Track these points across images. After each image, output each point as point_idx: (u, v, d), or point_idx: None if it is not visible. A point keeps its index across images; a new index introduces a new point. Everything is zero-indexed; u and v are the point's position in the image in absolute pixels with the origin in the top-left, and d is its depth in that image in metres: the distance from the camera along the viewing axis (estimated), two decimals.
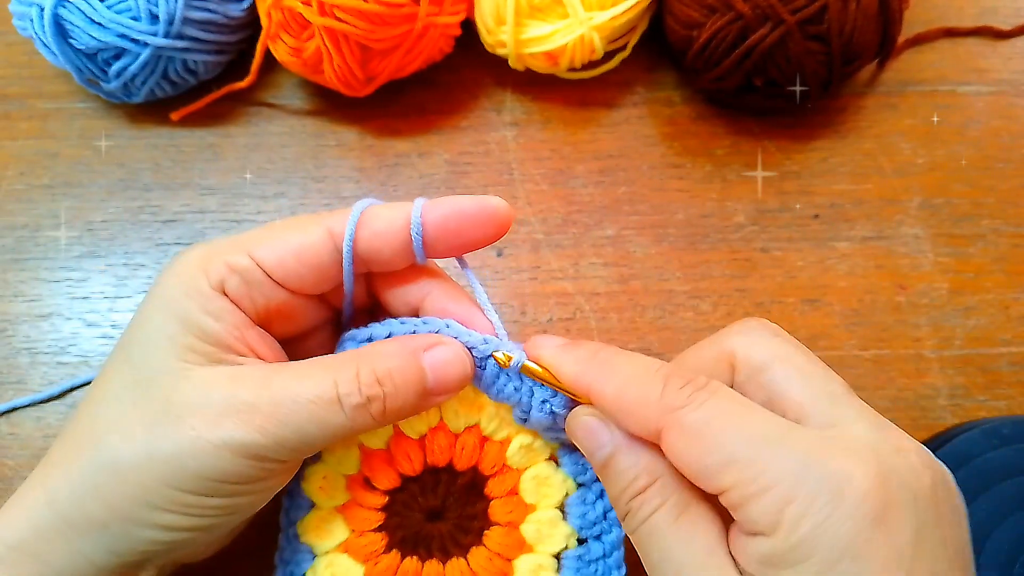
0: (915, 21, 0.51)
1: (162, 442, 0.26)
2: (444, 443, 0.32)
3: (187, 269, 0.29)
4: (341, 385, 0.27)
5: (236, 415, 0.26)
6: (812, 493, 0.23)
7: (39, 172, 0.49)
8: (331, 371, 0.27)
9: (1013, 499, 0.37)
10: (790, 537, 0.23)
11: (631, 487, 0.27)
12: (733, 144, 0.48)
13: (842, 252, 0.45)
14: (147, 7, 0.43)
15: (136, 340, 0.29)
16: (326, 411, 0.27)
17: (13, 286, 0.46)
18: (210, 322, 0.28)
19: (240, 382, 0.27)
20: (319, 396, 0.27)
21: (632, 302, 0.44)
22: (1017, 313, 0.44)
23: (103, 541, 0.27)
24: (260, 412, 0.26)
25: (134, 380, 0.28)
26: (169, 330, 0.28)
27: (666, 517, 0.26)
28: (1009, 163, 0.48)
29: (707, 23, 0.43)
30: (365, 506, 0.32)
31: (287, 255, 0.29)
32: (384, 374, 0.27)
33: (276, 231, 0.29)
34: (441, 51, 0.48)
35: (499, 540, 0.32)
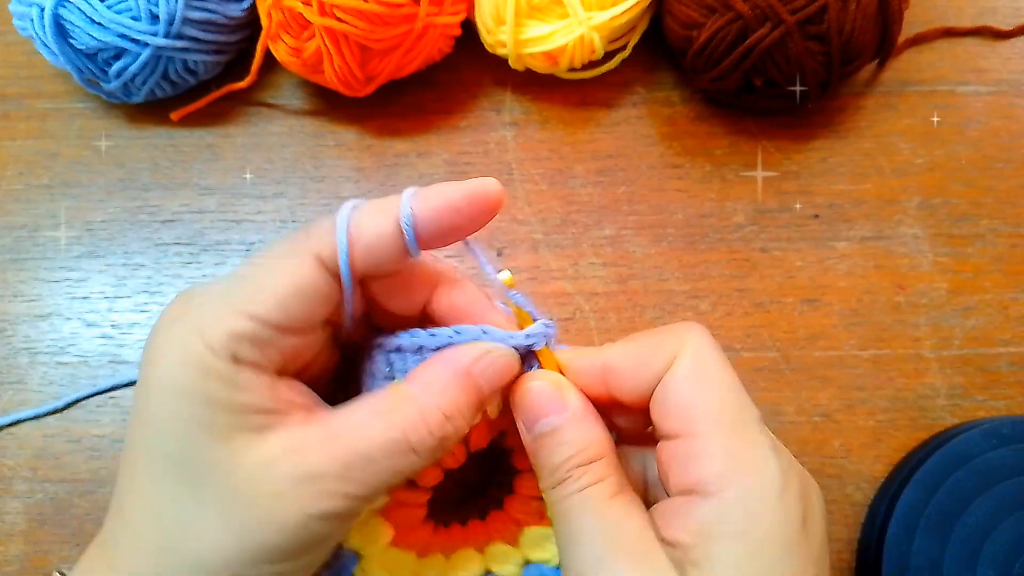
0: (915, 21, 0.51)
1: (248, 537, 0.25)
2: (484, 431, 0.32)
3: (188, 349, 0.26)
4: (411, 434, 0.26)
5: (312, 488, 0.25)
6: (764, 473, 0.25)
7: (38, 172, 0.49)
8: (393, 419, 0.26)
9: (1013, 499, 0.37)
10: (734, 505, 0.24)
11: (577, 456, 0.27)
12: (732, 144, 0.48)
13: (841, 252, 0.46)
14: (147, 7, 0.43)
15: (165, 436, 0.26)
16: (401, 461, 0.26)
17: (12, 286, 0.46)
18: (239, 395, 0.25)
19: (302, 453, 0.25)
20: (391, 451, 0.25)
21: (631, 302, 0.45)
22: (1016, 313, 0.44)
23: None
24: (335, 479, 0.25)
25: (183, 478, 0.25)
26: (199, 417, 0.25)
27: (602, 492, 0.26)
28: (1008, 163, 0.48)
29: (707, 23, 0.43)
30: (407, 504, 0.32)
31: (286, 302, 0.26)
32: (450, 408, 0.26)
33: (259, 277, 0.27)
34: (441, 51, 0.48)
35: (517, 506, 0.32)
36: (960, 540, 0.37)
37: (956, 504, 0.38)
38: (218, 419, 0.25)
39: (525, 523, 0.32)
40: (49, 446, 0.42)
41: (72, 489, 0.41)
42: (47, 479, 0.42)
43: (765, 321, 0.44)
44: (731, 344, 0.44)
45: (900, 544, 0.37)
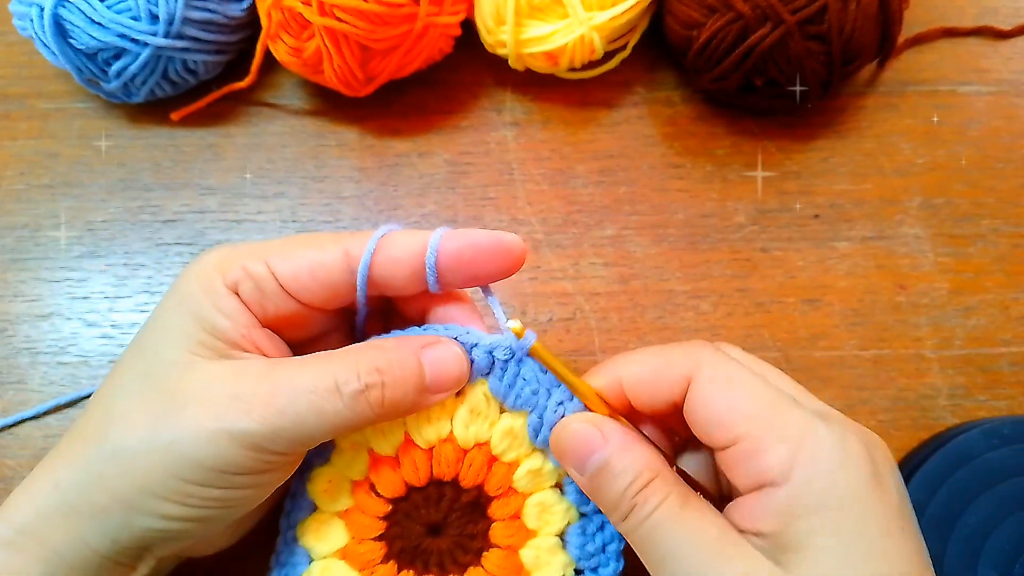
0: (915, 21, 0.51)
1: (163, 431, 0.27)
2: (452, 456, 0.32)
3: (205, 268, 0.29)
4: (339, 374, 0.27)
5: (235, 404, 0.27)
6: (822, 450, 0.26)
7: (39, 172, 0.49)
8: (330, 362, 0.28)
9: (1013, 499, 0.37)
10: (804, 486, 0.25)
11: (634, 484, 0.27)
12: (733, 144, 0.48)
13: (842, 252, 0.45)
14: (147, 7, 0.43)
15: (150, 333, 0.30)
16: (324, 400, 0.27)
17: (13, 286, 0.46)
18: (220, 319, 0.28)
19: (242, 374, 0.27)
20: (317, 385, 0.27)
21: (632, 302, 0.44)
22: (1017, 313, 0.44)
23: (104, 527, 0.27)
24: (259, 401, 0.27)
25: (144, 371, 0.28)
26: (181, 324, 0.29)
27: (673, 507, 0.27)
28: (1009, 163, 0.48)
29: (707, 23, 0.43)
30: (367, 513, 0.32)
31: (301, 270, 0.29)
32: (384, 365, 0.28)
33: (295, 245, 0.30)
34: (441, 51, 0.48)
35: (497, 563, 0.32)
36: (961, 540, 0.37)
37: (957, 504, 0.38)
38: (193, 331, 0.28)
39: None
40: (50, 446, 0.42)
41: None
42: None
43: (766, 321, 0.44)
44: (732, 344, 0.44)
45: None
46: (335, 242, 0.30)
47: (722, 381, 0.28)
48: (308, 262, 0.29)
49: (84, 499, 0.27)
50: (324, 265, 0.29)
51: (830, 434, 0.26)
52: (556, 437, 0.30)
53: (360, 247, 0.29)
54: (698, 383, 0.28)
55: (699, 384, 0.28)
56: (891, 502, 0.26)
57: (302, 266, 0.29)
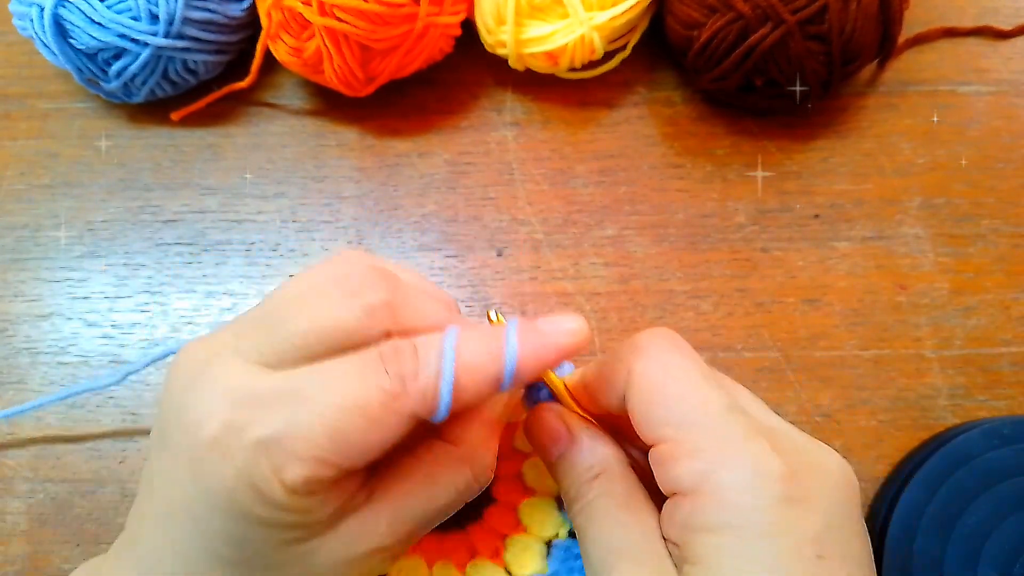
0: (915, 21, 0.51)
1: None
2: None
3: (251, 475, 0.23)
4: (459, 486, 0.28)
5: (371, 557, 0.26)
6: (736, 465, 0.25)
7: (39, 172, 0.49)
8: (446, 479, 0.28)
9: (1013, 499, 0.37)
10: (709, 500, 0.24)
11: (585, 475, 0.28)
12: (733, 144, 0.48)
13: (842, 252, 0.45)
14: (147, 7, 0.43)
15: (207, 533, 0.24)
16: None
17: (13, 286, 0.46)
18: (309, 518, 0.24)
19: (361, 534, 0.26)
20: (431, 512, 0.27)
21: (632, 302, 0.44)
22: (1018, 313, 0.44)
23: None
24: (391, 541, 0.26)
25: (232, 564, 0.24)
26: (256, 534, 0.24)
27: (612, 502, 0.28)
28: (1009, 163, 0.48)
29: (707, 23, 0.43)
30: None
31: (366, 451, 0.23)
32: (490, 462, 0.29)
33: (345, 421, 0.23)
34: (441, 51, 0.48)
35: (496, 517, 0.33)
36: (961, 540, 0.37)
37: (957, 504, 0.38)
38: (279, 535, 0.24)
39: (507, 533, 0.33)
40: (50, 446, 0.42)
41: (73, 489, 0.41)
42: (48, 479, 0.42)
43: (766, 321, 0.44)
44: (732, 344, 0.44)
45: (901, 544, 0.37)
46: (396, 413, 0.23)
47: (650, 384, 0.26)
48: (373, 442, 0.23)
49: None
50: (391, 438, 0.24)
51: (748, 452, 0.25)
52: (528, 424, 0.31)
53: (426, 408, 0.24)
54: (630, 386, 0.27)
55: (631, 387, 0.27)
56: (808, 527, 0.24)
57: (366, 446, 0.23)
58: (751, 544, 0.24)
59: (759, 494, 0.24)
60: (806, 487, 0.25)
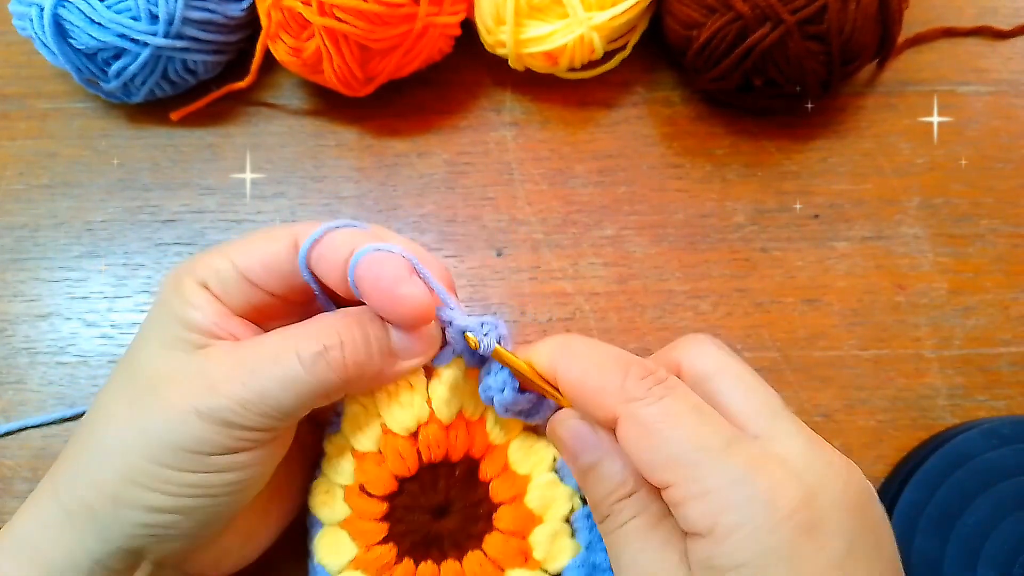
0: (915, 21, 0.51)
1: (139, 417, 0.27)
2: (438, 436, 0.31)
3: (176, 274, 0.31)
4: (298, 342, 0.28)
5: (202, 382, 0.27)
6: (746, 502, 0.24)
7: (38, 172, 0.49)
8: (293, 331, 0.29)
9: (1013, 499, 0.37)
10: (724, 541, 0.24)
11: (615, 492, 0.28)
12: (733, 144, 0.48)
13: (841, 252, 0.45)
14: (147, 7, 0.43)
15: (136, 340, 0.31)
16: (285, 367, 0.27)
17: (12, 286, 0.46)
18: (191, 311, 0.29)
19: (211, 356, 0.28)
20: (277, 354, 0.28)
21: (631, 302, 0.44)
22: (1016, 313, 0.44)
23: (95, 527, 0.27)
24: (223, 376, 0.27)
25: (129, 373, 0.29)
26: (159, 324, 0.30)
27: (642, 525, 0.27)
28: (1009, 163, 0.48)
29: (707, 23, 0.43)
30: (366, 517, 0.32)
31: (256, 261, 0.30)
32: (343, 327, 0.29)
33: (253, 239, 0.31)
34: (441, 51, 0.48)
35: (509, 519, 0.32)
36: (960, 540, 0.37)
37: (956, 504, 0.38)
38: (170, 328, 0.29)
39: (506, 565, 0.32)
40: (49, 446, 0.42)
41: None
42: None
43: (765, 321, 0.44)
44: (731, 344, 0.43)
45: (900, 544, 0.37)
46: (287, 234, 0.31)
47: (647, 421, 0.26)
48: (260, 253, 0.30)
49: (78, 502, 0.28)
50: (275, 255, 0.30)
51: (760, 490, 0.24)
52: (554, 427, 0.30)
53: (302, 236, 0.30)
54: (620, 431, 0.27)
55: (621, 432, 0.27)
56: (828, 552, 0.24)
57: (256, 257, 0.30)
58: None
59: (775, 530, 0.24)
60: (822, 510, 0.25)
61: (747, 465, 0.25)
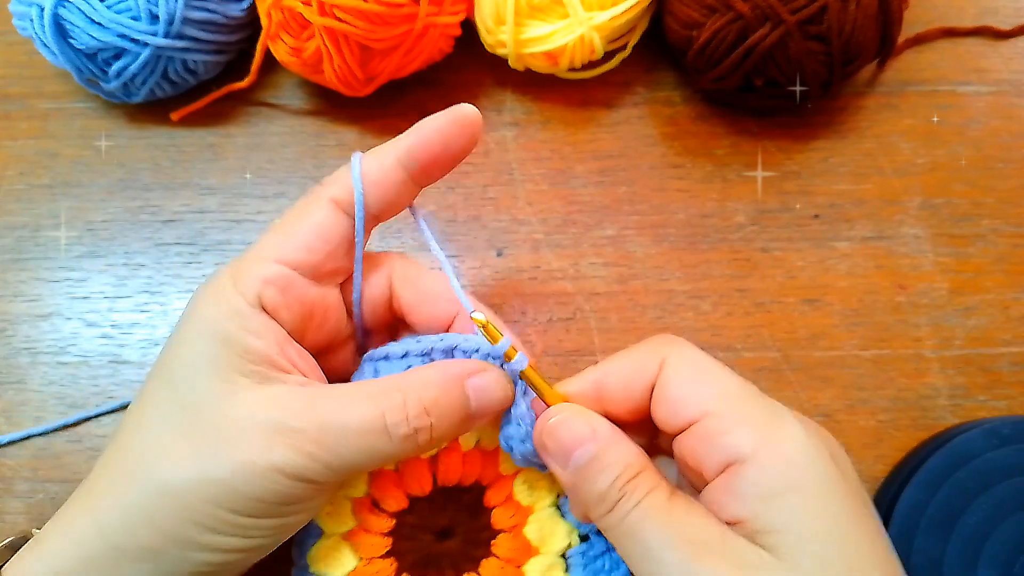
0: (915, 21, 0.51)
1: (213, 468, 0.26)
2: (455, 462, 0.32)
3: (221, 291, 0.29)
4: (388, 415, 0.27)
5: (284, 439, 0.26)
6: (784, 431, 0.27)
7: (39, 172, 0.49)
8: (377, 400, 0.28)
9: (1013, 499, 0.37)
10: (774, 463, 0.26)
11: (623, 475, 0.27)
12: (733, 144, 0.48)
13: (842, 252, 0.45)
14: (147, 7, 0.43)
15: (178, 364, 0.28)
16: (374, 440, 0.27)
17: (13, 286, 0.46)
18: (252, 340, 0.28)
19: (287, 407, 0.27)
20: (366, 427, 0.27)
21: (632, 302, 0.44)
22: (1017, 313, 0.44)
23: (155, 567, 0.27)
24: (308, 438, 0.26)
25: (179, 405, 0.28)
26: (211, 353, 0.28)
27: (659, 499, 0.27)
28: (1009, 163, 0.48)
29: (707, 23, 0.43)
30: (372, 531, 0.32)
31: (308, 243, 0.30)
32: (431, 403, 0.28)
33: (286, 227, 0.30)
34: (441, 51, 0.48)
35: (506, 547, 0.32)
36: (961, 540, 0.37)
37: (957, 504, 0.38)
38: (227, 358, 0.27)
39: (522, 560, 0.32)
40: (50, 446, 0.42)
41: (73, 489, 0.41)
42: (48, 479, 0.42)
43: (766, 321, 0.44)
44: (732, 344, 0.44)
45: (901, 544, 0.37)
46: (316, 201, 0.31)
47: (690, 366, 0.29)
48: (309, 233, 0.30)
49: (132, 540, 0.27)
50: (323, 224, 0.30)
51: (793, 420, 0.27)
52: (541, 431, 0.29)
53: (340, 190, 0.31)
54: (666, 370, 0.29)
55: (668, 370, 0.29)
56: (852, 482, 0.27)
57: (306, 239, 0.30)
58: (824, 504, 0.25)
59: (816, 454, 0.26)
60: (835, 449, 0.27)
61: (777, 406, 0.28)
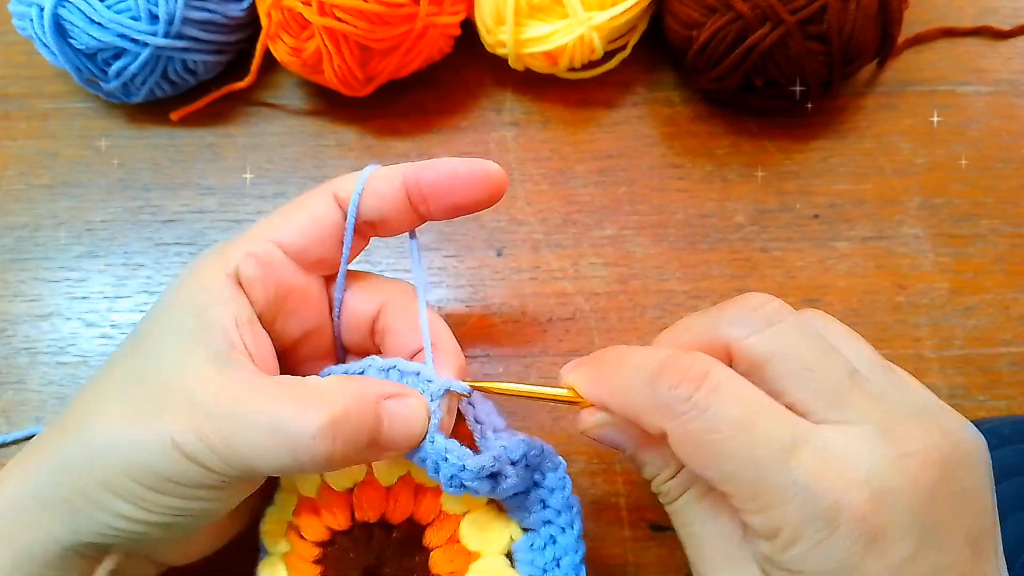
0: (915, 21, 0.51)
1: (134, 432, 0.26)
2: (374, 498, 0.31)
3: (203, 264, 0.29)
4: (290, 416, 0.26)
5: (193, 419, 0.26)
6: (807, 519, 0.24)
7: (39, 172, 0.49)
8: (286, 404, 0.26)
9: (1013, 499, 0.37)
10: (787, 550, 0.25)
11: (659, 476, 0.29)
12: (733, 144, 0.48)
13: (842, 252, 0.45)
14: (147, 7, 0.43)
15: (146, 330, 0.29)
16: (268, 442, 0.26)
17: (13, 286, 0.46)
18: (215, 311, 0.28)
19: (210, 386, 0.27)
20: (267, 425, 0.26)
21: (632, 302, 0.44)
22: (1017, 313, 0.44)
23: (67, 519, 0.27)
24: (211, 423, 0.26)
25: (137, 370, 0.28)
26: (178, 324, 0.28)
27: (691, 500, 0.28)
28: (1009, 163, 0.48)
29: (707, 23, 0.43)
30: (302, 557, 0.31)
31: (299, 225, 0.30)
32: (339, 415, 0.26)
33: (286, 212, 0.31)
34: (441, 51, 0.48)
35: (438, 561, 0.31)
36: None
37: None
38: (192, 329, 0.28)
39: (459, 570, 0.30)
40: None
41: None
42: None
43: None
44: None
45: None
46: (321, 193, 0.31)
47: (694, 445, 0.25)
48: (304, 219, 0.30)
49: (50, 489, 0.27)
50: (319, 214, 0.30)
51: (821, 506, 0.24)
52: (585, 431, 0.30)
53: (345, 188, 0.31)
54: (672, 446, 0.26)
55: (672, 447, 0.26)
56: (890, 561, 0.23)
57: (299, 225, 0.30)
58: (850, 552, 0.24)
59: (837, 543, 0.23)
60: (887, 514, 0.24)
61: (808, 473, 0.24)
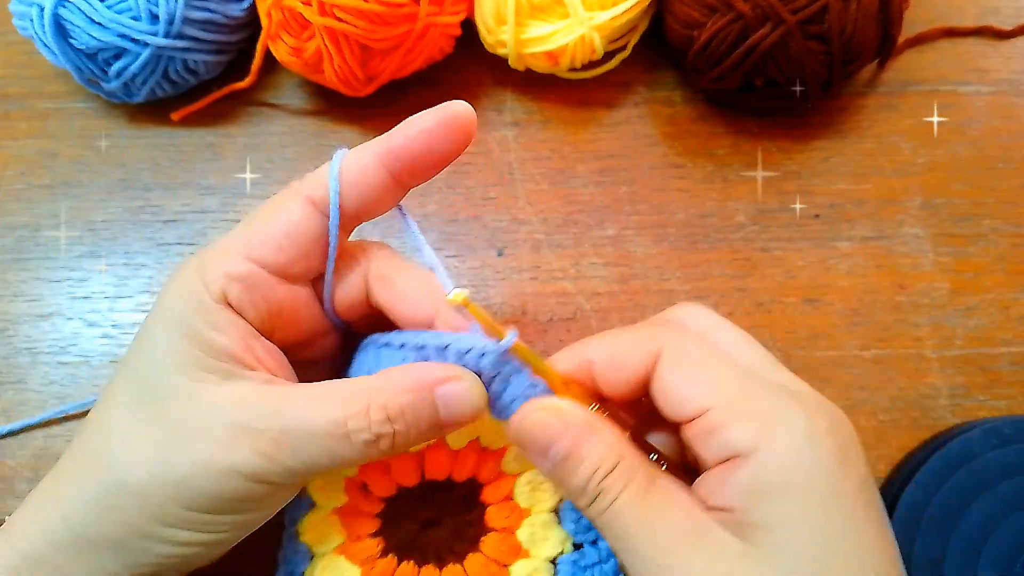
0: (915, 21, 0.51)
1: (173, 466, 0.26)
2: (443, 459, 0.32)
3: (187, 284, 0.28)
4: (351, 421, 0.27)
5: (245, 440, 0.26)
6: (786, 424, 0.25)
7: (39, 172, 0.49)
8: (342, 405, 0.27)
9: (1013, 499, 0.37)
10: (770, 460, 0.25)
11: (600, 468, 0.27)
12: (733, 144, 0.48)
13: (842, 252, 0.45)
14: (147, 7, 0.43)
15: (144, 358, 0.29)
16: (335, 444, 0.27)
17: (13, 286, 0.46)
18: (216, 336, 0.28)
19: (250, 406, 0.27)
20: (329, 431, 0.26)
21: (633, 302, 0.44)
22: (1017, 313, 0.44)
23: (119, 557, 0.27)
24: (269, 440, 0.26)
25: (144, 399, 0.28)
26: (176, 347, 0.28)
27: (637, 493, 0.26)
28: (1009, 163, 0.48)
29: (707, 23, 0.43)
30: (362, 511, 0.32)
31: (278, 241, 0.29)
32: (396, 412, 0.27)
33: (258, 222, 0.30)
34: (441, 51, 0.48)
35: (495, 546, 0.32)
36: (961, 540, 0.37)
37: (957, 504, 0.38)
38: (191, 353, 0.27)
39: (509, 561, 0.32)
40: (50, 447, 0.42)
41: None
42: None
43: (766, 321, 0.44)
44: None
45: (901, 543, 0.37)
46: (292, 198, 0.30)
47: (687, 360, 0.28)
48: (281, 230, 0.29)
49: (97, 531, 0.27)
50: (296, 223, 0.29)
51: (796, 412, 0.26)
52: (515, 428, 0.28)
53: (318, 189, 0.30)
54: (663, 363, 0.28)
55: (664, 364, 0.28)
56: (856, 479, 0.26)
57: (276, 237, 0.29)
58: (818, 502, 0.25)
59: (817, 451, 0.25)
60: (844, 439, 0.26)
61: (779, 398, 0.26)
